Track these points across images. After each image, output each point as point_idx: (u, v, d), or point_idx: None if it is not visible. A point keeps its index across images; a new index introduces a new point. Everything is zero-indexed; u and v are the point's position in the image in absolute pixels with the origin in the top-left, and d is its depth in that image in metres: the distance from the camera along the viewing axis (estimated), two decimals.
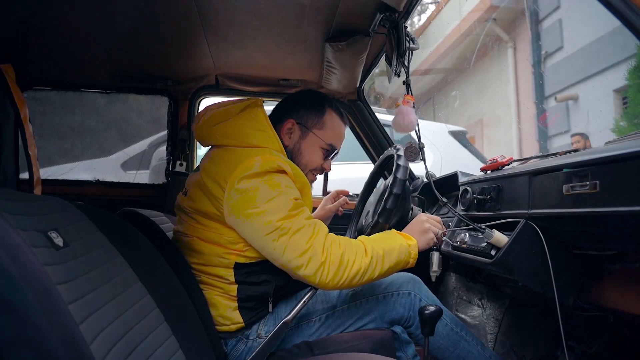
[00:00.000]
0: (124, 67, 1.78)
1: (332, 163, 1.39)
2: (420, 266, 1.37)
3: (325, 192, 2.30)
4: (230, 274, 1.15)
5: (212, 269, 1.17)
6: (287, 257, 1.06)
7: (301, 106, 1.32)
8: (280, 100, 1.39)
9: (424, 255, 1.24)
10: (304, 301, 1.15)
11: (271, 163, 1.11)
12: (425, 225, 1.23)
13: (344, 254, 1.08)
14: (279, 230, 1.06)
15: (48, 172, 2.42)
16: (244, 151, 1.16)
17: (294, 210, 1.09)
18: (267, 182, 1.09)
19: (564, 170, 0.95)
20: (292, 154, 1.30)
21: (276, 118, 1.31)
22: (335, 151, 1.36)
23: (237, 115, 1.23)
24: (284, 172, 1.14)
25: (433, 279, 1.26)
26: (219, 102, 1.30)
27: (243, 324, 1.17)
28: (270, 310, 1.20)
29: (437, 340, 1.29)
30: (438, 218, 1.28)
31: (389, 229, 1.24)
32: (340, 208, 1.72)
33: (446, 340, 1.30)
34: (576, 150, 1.14)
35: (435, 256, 1.25)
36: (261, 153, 1.15)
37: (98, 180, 2.09)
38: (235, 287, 1.16)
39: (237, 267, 1.15)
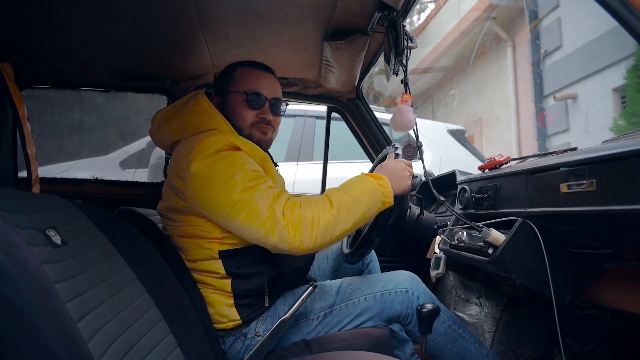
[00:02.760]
0: (123, 66, 1.78)
1: (333, 162, 1.40)
2: (419, 265, 1.38)
3: (324, 191, 2.30)
4: (219, 266, 1.16)
5: (201, 264, 1.17)
6: (253, 229, 1.06)
7: (217, 81, 1.38)
8: None
9: (420, 253, 1.24)
10: (302, 299, 1.15)
11: (220, 142, 1.12)
12: (405, 173, 1.21)
13: (306, 212, 1.07)
14: (240, 204, 1.06)
15: (46, 171, 2.42)
16: (195, 138, 1.18)
17: (252, 181, 1.09)
18: (220, 161, 1.10)
19: (561, 169, 0.95)
20: (230, 121, 1.30)
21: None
22: (267, 99, 1.32)
23: (182, 109, 1.27)
24: (236, 148, 1.15)
25: (434, 280, 1.27)
26: (166, 106, 1.36)
27: (240, 321, 1.17)
28: (267, 304, 1.20)
29: (435, 338, 1.29)
30: (409, 162, 1.26)
31: (388, 229, 1.24)
32: None
33: (444, 338, 1.31)
34: (574, 149, 1.14)
35: (442, 259, 1.26)
36: (214, 134, 1.16)
37: (96, 178, 2.09)
38: (229, 281, 1.16)
39: (223, 255, 1.16)
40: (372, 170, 1.69)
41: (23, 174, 1.46)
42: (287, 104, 1.40)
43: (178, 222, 1.19)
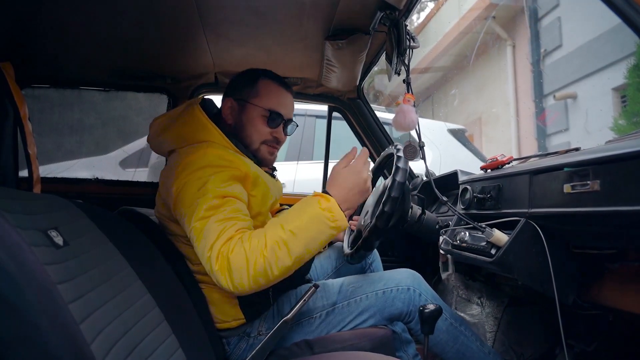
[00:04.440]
0: (123, 65, 1.77)
1: (333, 161, 1.38)
2: (420, 265, 1.38)
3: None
4: None
5: (201, 267, 1.13)
6: (201, 260, 1.03)
7: (236, 84, 1.33)
8: None
9: (421, 252, 1.24)
10: (304, 299, 1.15)
11: (206, 159, 1.11)
12: (367, 185, 1.11)
13: (240, 256, 0.97)
14: (194, 232, 1.03)
15: (47, 170, 2.41)
16: (186, 149, 1.17)
17: (209, 210, 1.03)
18: (195, 180, 1.08)
19: (565, 169, 0.95)
20: (237, 130, 1.29)
21: (219, 106, 1.34)
22: (284, 119, 1.31)
23: (177, 119, 1.26)
24: (221, 166, 1.12)
25: (446, 282, 1.26)
26: (164, 113, 1.35)
27: (244, 320, 1.17)
28: (271, 302, 1.20)
29: (437, 335, 1.29)
30: (364, 152, 1.15)
31: (388, 230, 1.24)
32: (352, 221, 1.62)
33: (446, 335, 1.30)
34: (577, 149, 1.14)
35: (450, 260, 1.25)
36: (202, 147, 1.15)
37: (97, 178, 2.09)
38: None
39: None
40: (372, 173, 1.68)
41: (23, 173, 1.46)
42: (297, 125, 1.40)
43: (172, 229, 1.20)
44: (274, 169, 1.43)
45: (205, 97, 1.38)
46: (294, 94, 1.39)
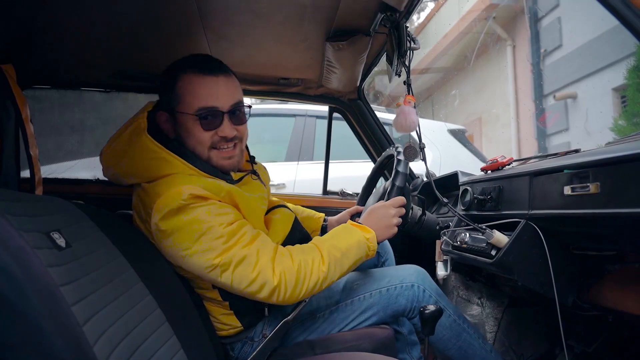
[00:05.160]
0: (124, 66, 1.77)
1: (334, 162, 1.39)
2: (420, 265, 1.38)
3: (325, 191, 2.30)
4: (216, 294, 1.14)
5: (198, 290, 1.16)
6: (238, 288, 1.01)
7: (161, 91, 1.16)
8: (280, 99, 1.39)
9: (422, 253, 1.24)
10: (306, 300, 1.16)
11: (180, 196, 0.99)
12: (393, 221, 1.20)
13: (299, 269, 1.03)
14: (220, 267, 0.99)
15: (48, 171, 2.42)
16: (154, 187, 1.05)
17: (229, 241, 1.00)
18: (189, 220, 0.99)
19: (565, 171, 0.95)
20: (183, 145, 1.12)
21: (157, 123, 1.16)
22: (222, 112, 1.11)
23: (129, 149, 1.10)
24: (201, 197, 1.01)
25: (440, 282, 1.27)
26: (109, 142, 1.17)
27: (242, 327, 1.17)
28: (266, 314, 1.19)
29: (440, 331, 1.29)
30: (401, 202, 1.23)
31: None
32: None
33: (449, 331, 1.30)
34: (576, 151, 1.14)
35: (448, 261, 1.25)
36: (171, 184, 1.03)
37: (98, 179, 2.09)
38: (227, 302, 1.15)
39: (218, 287, 1.11)
40: (372, 174, 1.69)
41: (24, 174, 1.46)
42: (251, 106, 1.21)
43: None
44: (253, 171, 1.29)
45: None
46: (232, 73, 1.18)
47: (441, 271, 1.40)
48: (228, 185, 1.09)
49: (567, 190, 0.93)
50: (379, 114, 2.19)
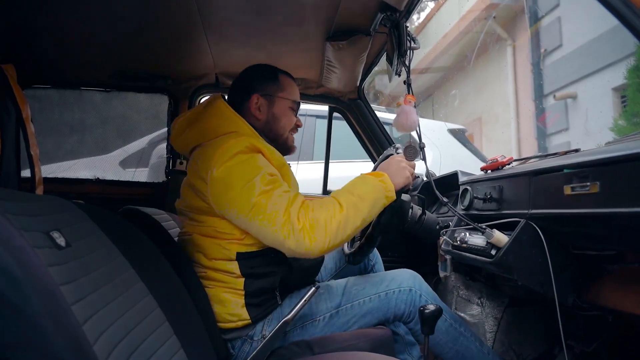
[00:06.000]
0: (124, 66, 1.77)
1: (334, 161, 1.41)
2: (420, 265, 1.38)
3: (325, 191, 2.30)
4: (235, 267, 1.17)
5: (217, 263, 1.18)
6: (270, 233, 1.08)
7: (257, 81, 1.35)
8: None
9: (422, 253, 1.24)
10: (305, 300, 1.16)
11: (240, 144, 1.14)
12: (402, 164, 1.24)
13: (319, 215, 1.10)
14: (257, 207, 1.08)
15: (48, 170, 2.42)
16: (216, 142, 1.19)
17: (269, 185, 1.11)
18: (240, 164, 1.11)
19: (565, 171, 0.95)
20: (269, 124, 1.33)
21: (239, 101, 1.34)
22: (299, 106, 1.42)
23: (201, 114, 1.28)
24: (256, 150, 1.16)
25: (443, 280, 1.27)
26: (185, 112, 1.36)
27: (249, 320, 1.18)
28: (279, 302, 1.22)
29: (437, 336, 1.30)
30: (412, 163, 1.29)
31: (388, 230, 1.25)
32: None
33: (445, 336, 1.31)
34: (576, 151, 1.15)
35: (449, 261, 1.26)
36: (233, 137, 1.17)
37: (98, 178, 2.09)
38: (242, 280, 1.17)
39: (240, 257, 1.17)
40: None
41: (24, 173, 1.46)
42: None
43: (197, 222, 1.20)
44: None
45: (206, 97, 1.39)
46: None
47: (442, 272, 1.41)
48: (281, 156, 1.25)
49: (567, 189, 0.93)
50: (379, 114, 2.20)
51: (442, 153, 3.51)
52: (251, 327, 1.20)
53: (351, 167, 3.22)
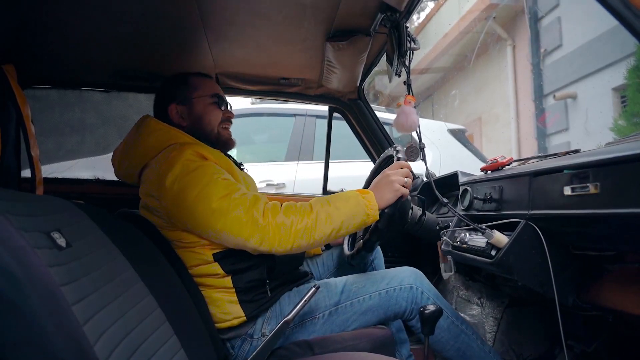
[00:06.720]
0: (124, 66, 1.77)
1: (333, 162, 1.41)
2: (421, 265, 1.38)
3: (325, 191, 2.30)
4: (217, 267, 1.17)
5: (198, 268, 1.18)
6: (232, 236, 1.08)
7: (169, 91, 1.38)
8: (280, 99, 1.42)
9: (422, 253, 1.24)
10: (305, 300, 1.16)
11: (186, 154, 1.14)
12: (390, 178, 1.21)
13: (287, 215, 1.10)
14: (217, 212, 1.08)
15: (48, 170, 2.42)
16: (160, 157, 1.20)
17: (226, 189, 1.11)
18: (191, 173, 1.12)
19: (565, 171, 0.95)
20: (195, 126, 1.35)
21: (163, 116, 1.35)
22: (225, 100, 1.43)
23: (137, 138, 1.28)
24: (203, 157, 1.17)
25: (445, 278, 1.27)
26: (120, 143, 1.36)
27: (245, 317, 1.18)
28: (269, 294, 1.22)
29: (438, 333, 1.30)
30: (406, 166, 1.25)
31: (388, 231, 1.25)
32: None
33: (447, 333, 1.31)
34: (576, 151, 1.15)
35: (452, 261, 1.26)
36: (176, 149, 1.18)
37: (98, 178, 2.09)
38: (229, 278, 1.18)
39: (218, 258, 1.18)
40: (372, 175, 1.69)
41: (24, 173, 1.46)
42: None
43: (170, 236, 1.20)
44: (240, 165, 1.47)
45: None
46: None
47: (446, 272, 1.41)
48: (227, 158, 1.27)
49: (567, 190, 0.93)
50: (379, 114, 2.20)
51: (442, 153, 3.51)
52: (249, 325, 1.20)
53: (351, 167, 3.22)
